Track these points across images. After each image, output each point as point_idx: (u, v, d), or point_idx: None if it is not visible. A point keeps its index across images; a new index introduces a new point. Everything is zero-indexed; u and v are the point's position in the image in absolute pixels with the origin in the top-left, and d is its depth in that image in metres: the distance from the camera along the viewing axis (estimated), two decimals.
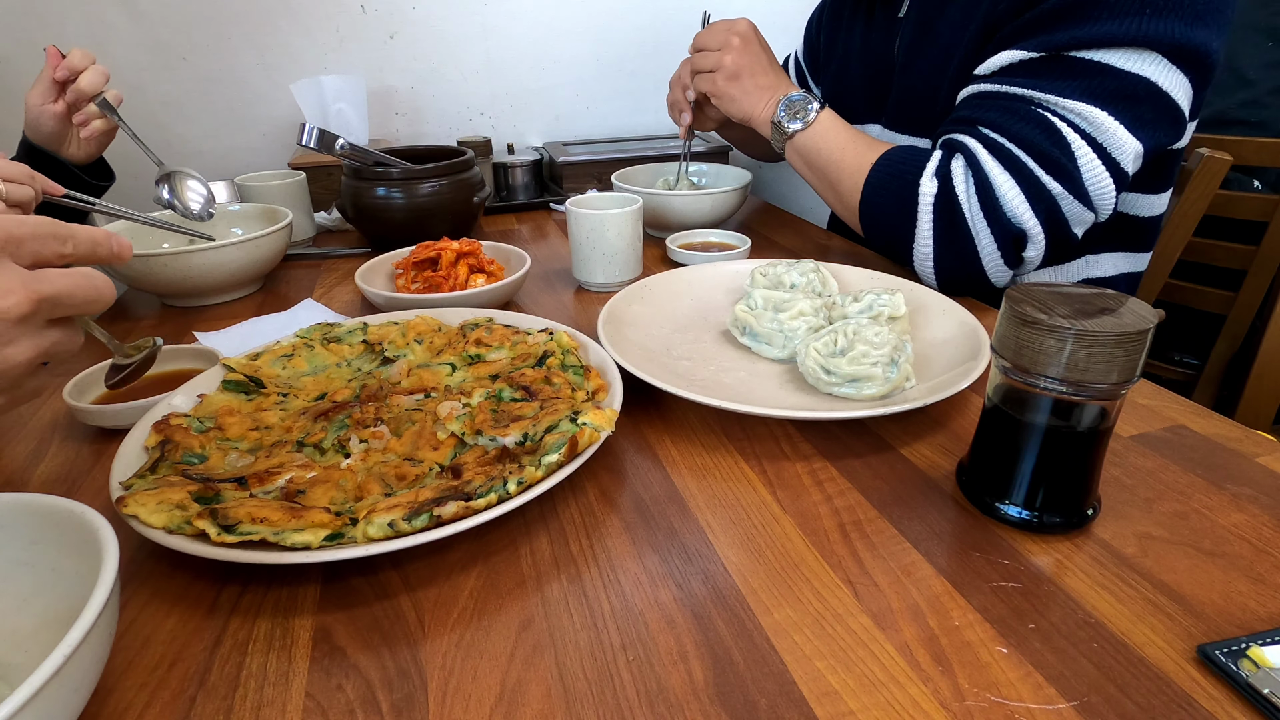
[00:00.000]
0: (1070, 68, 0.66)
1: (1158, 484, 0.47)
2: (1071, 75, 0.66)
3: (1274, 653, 0.33)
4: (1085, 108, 0.66)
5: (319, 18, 1.33)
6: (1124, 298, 0.40)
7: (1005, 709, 0.32)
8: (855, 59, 1.00)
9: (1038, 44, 0.67)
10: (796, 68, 1.24)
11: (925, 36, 0.85)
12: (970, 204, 0.71)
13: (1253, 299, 1.12)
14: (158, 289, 0.80)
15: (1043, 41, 0.67)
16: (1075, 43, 0.65)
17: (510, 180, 1.26)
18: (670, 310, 0.72)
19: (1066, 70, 0.66)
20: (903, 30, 0.89)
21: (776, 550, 0.43)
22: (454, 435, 0.51)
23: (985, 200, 0.70)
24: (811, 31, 1.18)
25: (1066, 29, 0.65)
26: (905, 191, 0.74)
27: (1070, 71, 0.66)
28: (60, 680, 0.27)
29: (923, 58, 0.85)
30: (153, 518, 0.40)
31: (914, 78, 0.87)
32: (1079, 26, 0.65)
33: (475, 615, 0.39)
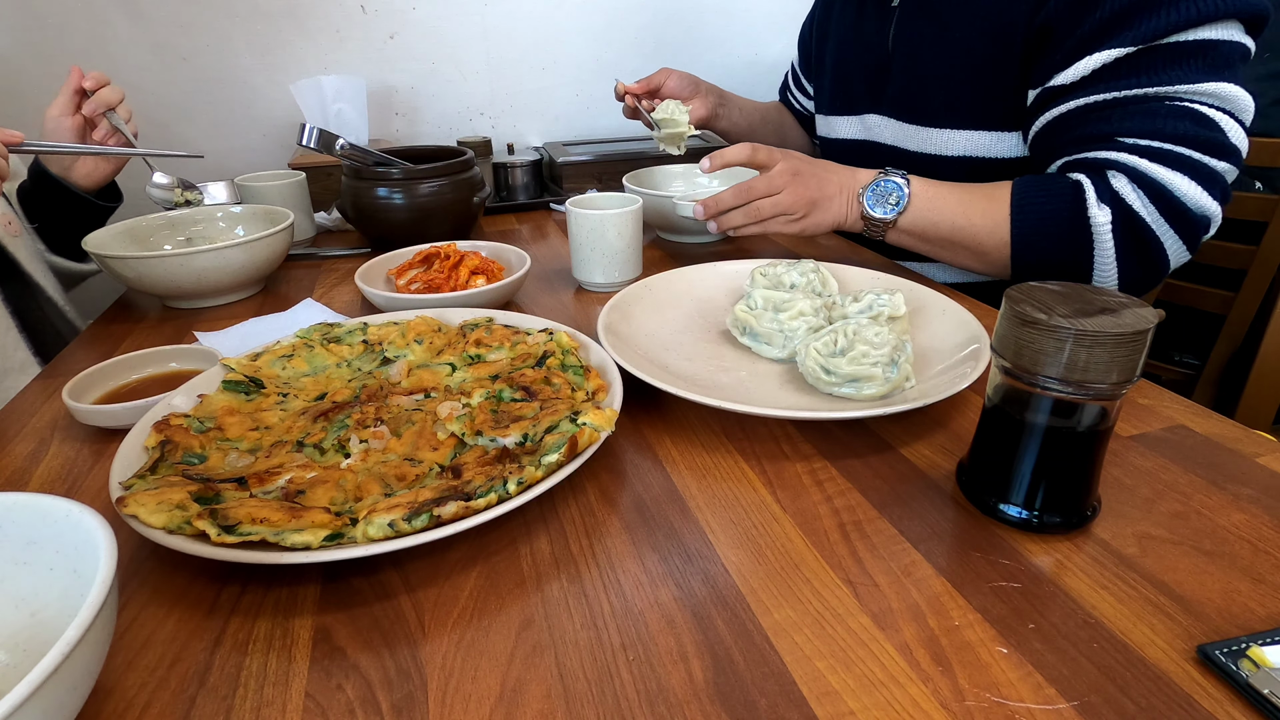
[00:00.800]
0: (1175, 53, 0.67)
1: (1158, 484, 0.47)
2: (1182, 60, 0.67)
3: (1274, 653, 0.33)
4: (1213, 86, 0.66)
5: (319, 18, 1.33)
6: (1124, 297, 0.40)
7: (1005, 709, 0.32)
8: (848, 51, 0.99)
9: (1129, 39, 0.67)
10: (792, 76, 1.25)
11: (930, 26, 0.84)
12: (1151, 215, 0.69)
13: (1253, 299, 1.12)
14: (158, 290, 0.80)
15: (1134, 35, 0.67)
16: (1170, 28, 0.65)
17: (510, 180, 1.26)
18: (670, 310, 0.72)
19: (1173, 56, 0.67)
20: (897, 20, 0.89)
21: (776, 550, 0.42)
22: (454, 435, 0.51)
23: (1166, 206, 0.69)
24: (805, 36, 1.19)
25: (1154, 18, 0.66)
26: (1072, 229, 0.72)
27: (1178, 57, 0.67)
28: (58, 680, 0.27)
29: (929, 48, 0.85)
30: (153, 518, 0.40)
31: (920, 67, 0.86)
32: (1166, 13, 0.65)
33: (475, 615, 0.39)
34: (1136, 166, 0.69)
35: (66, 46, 1.25)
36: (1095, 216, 0.70)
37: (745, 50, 1.56)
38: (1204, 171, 0.68)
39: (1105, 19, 0.68)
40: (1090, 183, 0.71)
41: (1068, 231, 0.72)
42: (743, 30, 1.56)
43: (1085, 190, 0.71)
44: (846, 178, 0.81)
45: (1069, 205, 0.72)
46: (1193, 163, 0.68)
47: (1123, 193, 0.70)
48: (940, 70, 0.84)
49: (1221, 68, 0.67)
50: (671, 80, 1.05)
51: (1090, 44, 0.69)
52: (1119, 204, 0.70)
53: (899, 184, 0.77)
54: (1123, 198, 0.70)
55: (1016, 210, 0.74)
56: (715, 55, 1.55)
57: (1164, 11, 0.65)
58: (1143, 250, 0.71)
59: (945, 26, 0.82)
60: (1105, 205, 0.70)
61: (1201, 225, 0.71)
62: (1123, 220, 0.70)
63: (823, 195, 0.80)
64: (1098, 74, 0.70)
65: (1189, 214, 0.69)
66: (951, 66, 0.82)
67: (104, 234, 0.84)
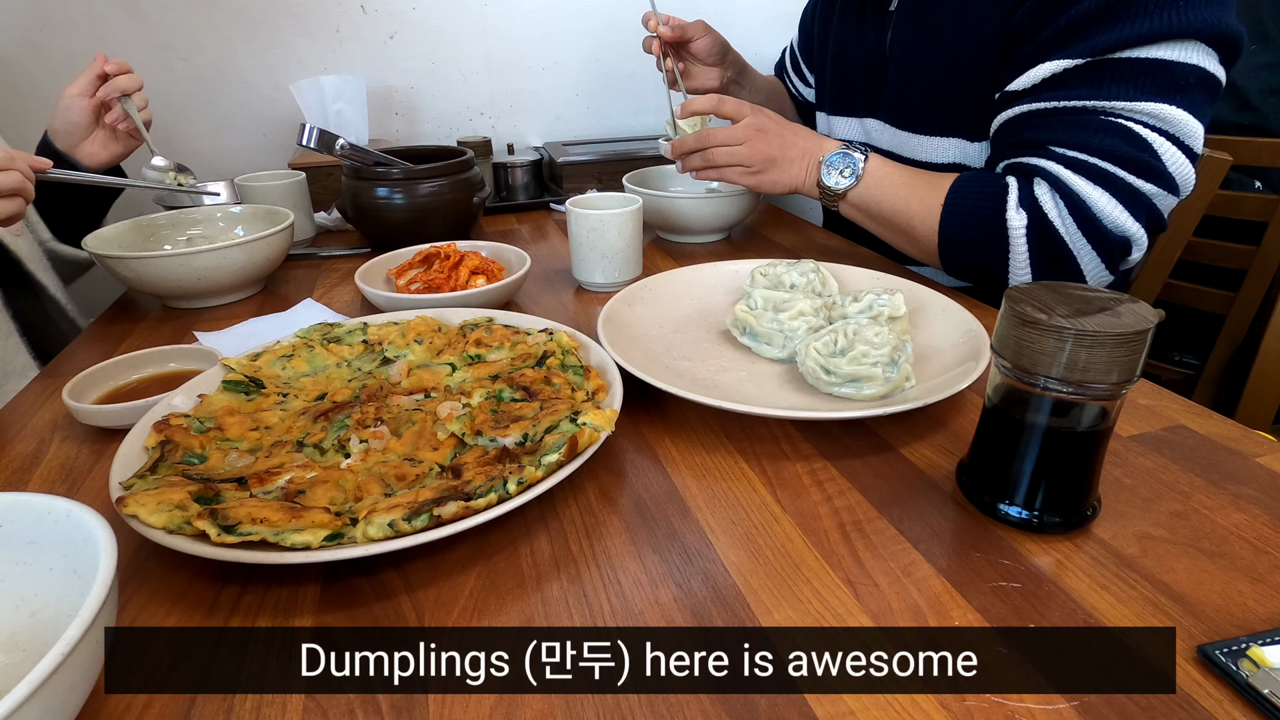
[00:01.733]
0: (1122, 69, 0.66)
1: (1158, 484, 0.47)
2: (1126, 76, 0.66)
3: (1274, 653, 0.33)
4: (1153, 106, 0.66)
5: (319, 18, 1.33)
6: (1124, 298, 0.40)
7: (1005, 709, 0.32)
8: (848, 51, 1.00)
9: (1080, 50, 0.67)
10: (790, 56, 1.24)
11: (924, 33, 0.84)
12: (1067, 226, 0.70)
13: (1253, 299, 1.12)
14: (159, 290, 0.81)
15: (1085, 48, 0.66)
16: (1121, 43, 0.65)
17: (510, 180, 1.26)
18: (670, 310, 0.72)
19: (1119, 72, 0.66)
20: (894, 24, 0.89)
21: (776, 550, 0.42)
22: (454, 435, 0.51)
23: (1082, 219, 0.69)
24: (806, 19, 1.18)
25: (1107, 31, 0.65)
26: (991, 228, 0.72)
27: (1123, 73, 0.66)
28: (58, 679, 0.27)
29: (922, 54, 0.85)
30: (153, 518, 0.40)
31: (913, 73, 0.87)
32: (1120, 27, 0.65)
33: (475, 615, 0.39)
34: (1059, 176, 0.69)
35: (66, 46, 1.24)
36: (1011, 219, 0.71)
37: (745, 50, 1.55)
38: (1127, 191, 0.68)
39: (1062, 28, 0.68)
40: (1016, 186, 0.72)
41: (988, 231, 0.73)
42: (744, 30, 1.55)
43: (1009, 192, 0.72)
44: (812, 143, 0.83)
45: (992, 205, 0.73)
46: (1116, 180, 0.67)
47: (1042, 200, 0.70)
48: (932, 77, 0.84)
49: (1170, 89, 0.65)
50: (703, 41, 1.04)
51: (1045, 52, 0.69)
52: (1036, 210, 0.71)
53: (856, 159, 0.80)
54: (1040, 205, 0.70)
55: (948, 204, 0.76)
56: None
57: (1119, 26, 0.65)
58: (1056, 260, 0.72)
59: (938, 33, 0.82)
60: (1023, 210, 0.71)
61: (1119, 245, 0.70)
62: (1037, 227, 0.71)
63: (783, 155, 0.82)
64: (1047, 82, 0.70)
65: (1104, 231, 0.69)
66: (942, 73, 0.83)
67: (104, 234, 0.84)
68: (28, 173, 0.72)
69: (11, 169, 0.69)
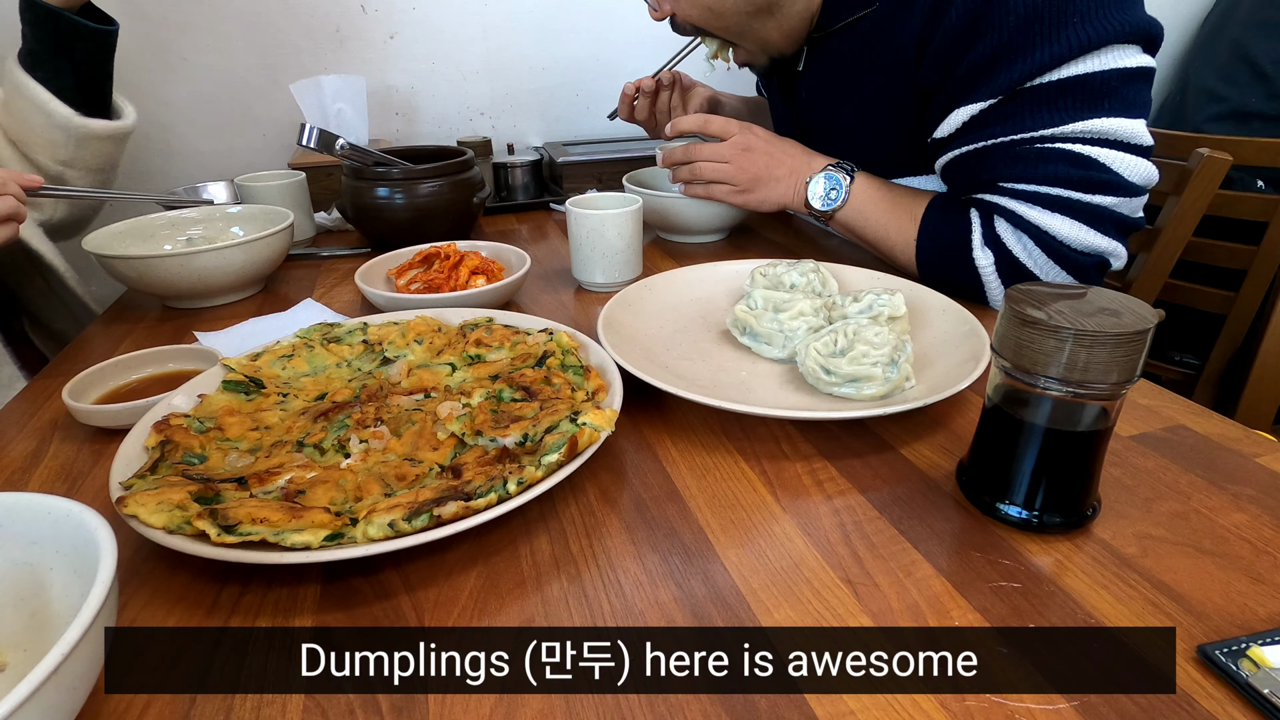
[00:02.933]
0: (1038, 96, 0.66)
1: (1158, 484, 0.47)
2: (1045, 103, 0.66)
3: (1274, 653, 0.33)
4: (1082, 125, 0.65)
5: (319, 18, 1.33)
6: (1124, 298, 0.40)
7: (1005, 709, 0.32)
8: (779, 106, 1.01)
9: (990, 91, 0.67)
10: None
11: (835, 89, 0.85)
12: (1034, 258, 0.70)
13: (1253, 299, 1.12)
14: (159, 290, 0.81)
15: (994, 87, 0.66)
16: (1028, 74, 0.64)
17: (510, 180, 1.26)
18: (670, 310, 0.72)
19: (1036, 101, 0.66)
20: (803, 82, 0.90)
21: (776, 550, 0.42)
22: (454, 435, 0.51)
23: (1049, 249, 0.69)
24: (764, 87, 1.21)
25: (1010, 68, 0.65)
26: (960, 265, 0.74)
27: (1040, 100, 0.66)
28: (58, 679, 0.27)
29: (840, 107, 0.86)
30: (153, 518, 0.40)
31: (838, 124, 0.88)
32: (1021, 61, 0.64)
33: (475, 615, 0.39)
34: (1015, 210, 0.70)
35: None
36: (979, 259, 0.72)
37: None
38: (1087, 211, 0.67)
39: (964, 76, 0.68)
40: (979, 223, 0.73)
41: (958, 268, 0.74)
42: None
43: (972, 231, 0.73)
44: (800, 161, 0.83)
45: (958, 244, 0.74)
46: (1072, 203, 0.67)
47: (1004, 237, 0.71)
48: (852, 127, 0.85)
49: (1096, 101, 0.64)
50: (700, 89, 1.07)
51: (956, 99, 0.70)
52: (1000, 248, 0.71)
53: (841, 180, 0.80)
54: (1004, 242, 0.71)
55: (921, 237, 0.77)
56: None
57: (1020, 60, 0.64)
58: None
59: (848, 88, 0.83)
60: (988, 249, 0.72)
61: (1093, 263, 0.70)
62: (1004, 264, 0.71)
63: (769, 175, 0.83)
64: (968, 124, 0.70)
65: (1075, 255, 0.69)
66: (860, 123, 0.84)
67: (104, 234, 0.84)
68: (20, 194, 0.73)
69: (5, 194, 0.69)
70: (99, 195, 0.93)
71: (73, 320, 0.93)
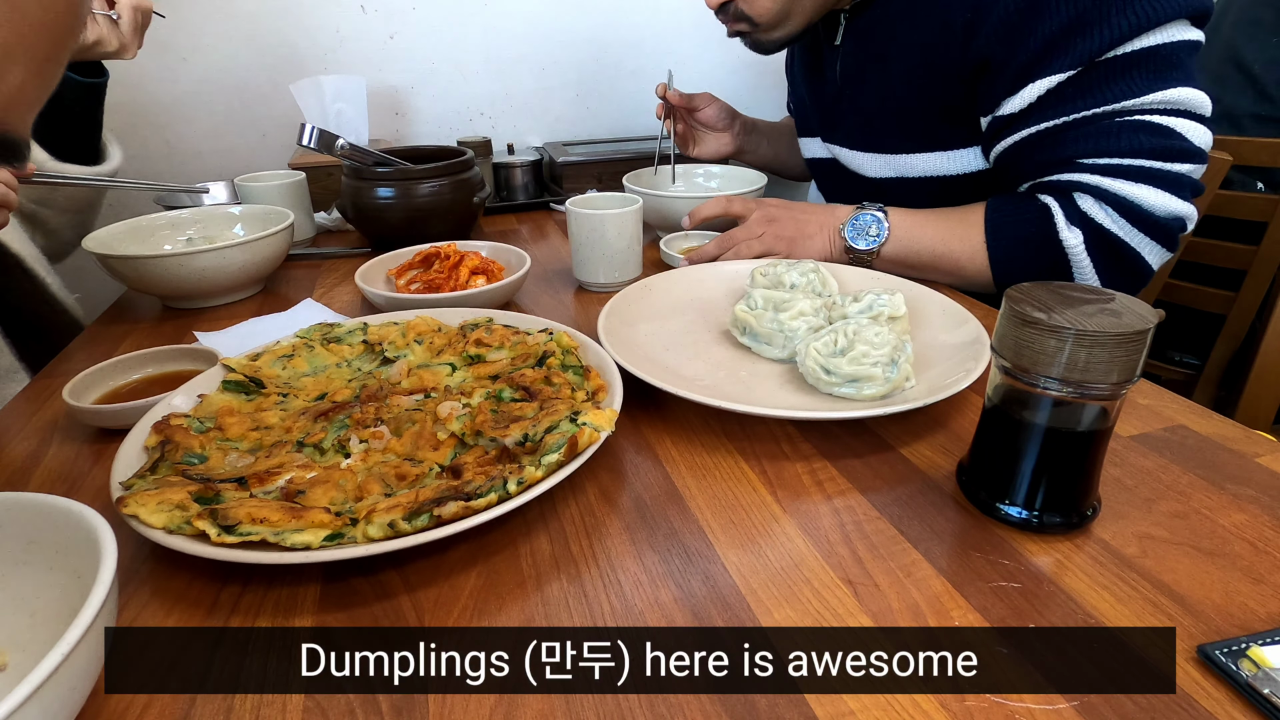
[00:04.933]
0: (1115, 68, 0.67)
1: (1158, 484, 0.47)
2: (1122, 74, 0.67)
3: (1274, 653, 0.33)
4: (1161, 95, 0.67)
5: (319, 18, 1.33)
6: (1124, 297, 0.40)
7: (1005, 709, 0.32)
8: (805, 84, 1.02)
9: (1068, 63, 0.68)
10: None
11: (871, 63, 0.86)
12: (1124, 229, 0.71)
13: (1253, 299, 1.12)
14: (158, 291, 0.81)
15: (1072, 59, 0.68)
16: (1108, 45, 0.66)
17: (510, 180, 1.26)
18: (670, 310, 0.72)
19: (1113, 72, 0.68)
20: (841, 59, 0.90)
21: (776, 550, 0.42)
22: (454, 435, 0.51)
23: (1137, 218, 0.70)
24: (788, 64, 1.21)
25: (1088, 39, 0.66)
26: (1046, 251, 0.74)
27: (1118, 72, 0.67)
28: (58, 679, 0.27)
29: (873, 83, 0.87)
30: (153, 518, 0.40)
31: (867, 100, 0.88)
32: (1100, 32, 0.66)
33: (475, 615, 0.39)
34: (1100, 185, 0.70)
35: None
36: (1067, 239, 0.72)
37: (745, 50, 1.56)
38: (1168, 178, 0.69)
39: (1040, 48, 0.68)
40: (1058, 206, 0.73)
41: (1043, 254, 0.74)
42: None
43: (1054, 215, 0.73)
44: (825, 216, 0.84)
45: (1039, 230, 0.73)
46: (1155, 173, 0.69)
47: (1091, 213, 0.71)
48: (888, 103, 0.86)
49: (1167, 72, 0.67)
50: (710, 109, 1.08)
51: (1031, 72, 0.70)
52: (1089, 224, 0.72)
53: (877, 217, 0.80)
54: (1092, 218, 0.71)
55: (991, 235, 0.76)
56: (715, 54, 1.55)
57: (1098, 31, 0.66)
58: (1121, 262, 0.73)
59: (886, 62, 0.84)
60: (1075, 227, 0.72)
61: (1176, 227, 0.72)
62: (1095, 239, 0.72)
63: (801, 234, 0.84)
64: (1044, 100, 0.71)
65: (1160, 222, 0.70)
66: (897, 99, 0.84)
67: (104, 234, 0.84)
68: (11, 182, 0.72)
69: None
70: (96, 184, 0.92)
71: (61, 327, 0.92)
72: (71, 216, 0.97)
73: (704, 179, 1.13)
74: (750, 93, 1.59)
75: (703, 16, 1.06)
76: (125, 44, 0.89)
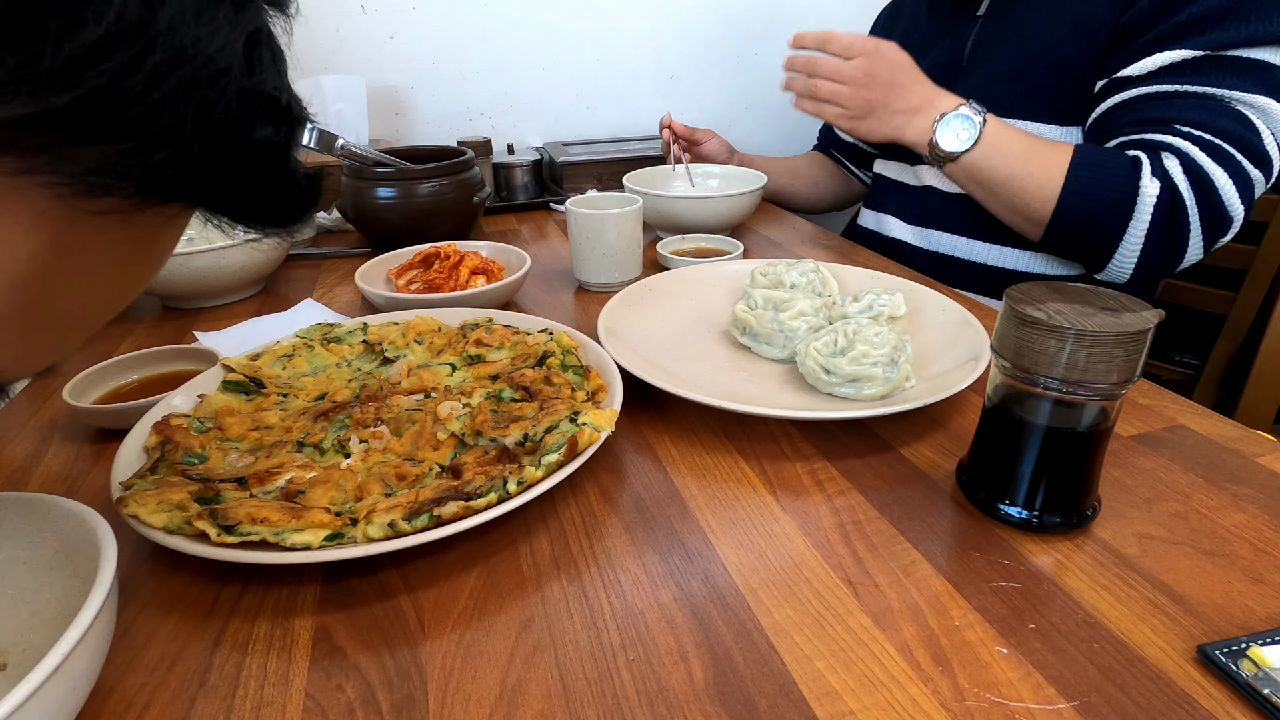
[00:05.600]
0: (1234, 65, 0.72)
1: (1158, 484, 0.47)
2: (1238, 72, 0.72)
3: (1274, 653, 0.33)
4: (1261, 100, 0.71)
5: (319, 18, 1.33)
6: (1124, 298, 0.40)
7: (1005, 709, 0.32)
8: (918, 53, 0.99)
9: (1198, 44, 0.72)
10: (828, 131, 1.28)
11: (1008, 31, 0.89)
12: (1191, 202, 0.73)
13: (1253, 299, 1.12)
14: (159, 291, 0.80)
15: (1203, 42, 0.72)
16: (1234, 42, 0.71)
17: (510, 180, 1.26)
18: (670, 310, 0.72)
19: (1231, 68, 0.72)
20: (980, 26, 0.92)
21: (776, 550, 0.42)
22: (454, 435, 0.51)
23: (1204, 196, 0.73)
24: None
25: (1224, 30, 0.71)
26: (1121, 194, 0.75)
27: (1235, 69, 0.72)
28: (59, 679, 0.27)
29: (1007, 49, 0.88)
30: (153, 518, 0.40)
31: (995, 65, 0.90)
32: (1236, 27, 0.70)
33: (475, 615, 0.39)
34: (1188, 153, 0.73)
35: None
36: (1146, 188, 0.74)
37: (744, 51, 1.56)
38: (1242, 174, 0.72)
39: (1182, 23, 0.73)
40: (1147, 159, 0.75)
41: (1116, 197, 0.75)
42: (743, 30, 1.56)
43: (1142, 163, 0.75)
44: (926, 98, 0.82)
45: (1125, 173, 0.75)
46: (1235, 162, 0.72)
47: (1173, 173, 0.73)
48: (1017, 68, 0.87)
49: (1271, 89, 0.71)
50: (712, 143, 1.15)
51: (1163, 43, 0.74)
52: (1168, 182, 0.73)
53: (976, 121, 0.79)
54: (1172, 177, 0.73)
55: (1074, 168, 0.77)
56: (715, 54, 1.55)
57: (1235, 26, 0.71)
58: (1172, 233, 0.75)
59: (1028, 28, 0.86)
60: (1157, 180, 0.74)
61: (1225, 224, 0.74)
62: (1168, 199, 0.74)
63: (887, 106, 0.82)
64: (1163, 70, 0.74)
65: (1220, 210, 0.73)
66: (1030, 64, 0.86)
67: None
68: None
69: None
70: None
71: None
72: None
73: (704, 178, 1.13)
74: (743, 92, 1.59)
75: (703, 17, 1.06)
76: None
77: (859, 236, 1.12)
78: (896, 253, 1.01)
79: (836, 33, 0.83)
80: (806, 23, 1.56)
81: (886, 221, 1.05)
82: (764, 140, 1.63)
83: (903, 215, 1.02)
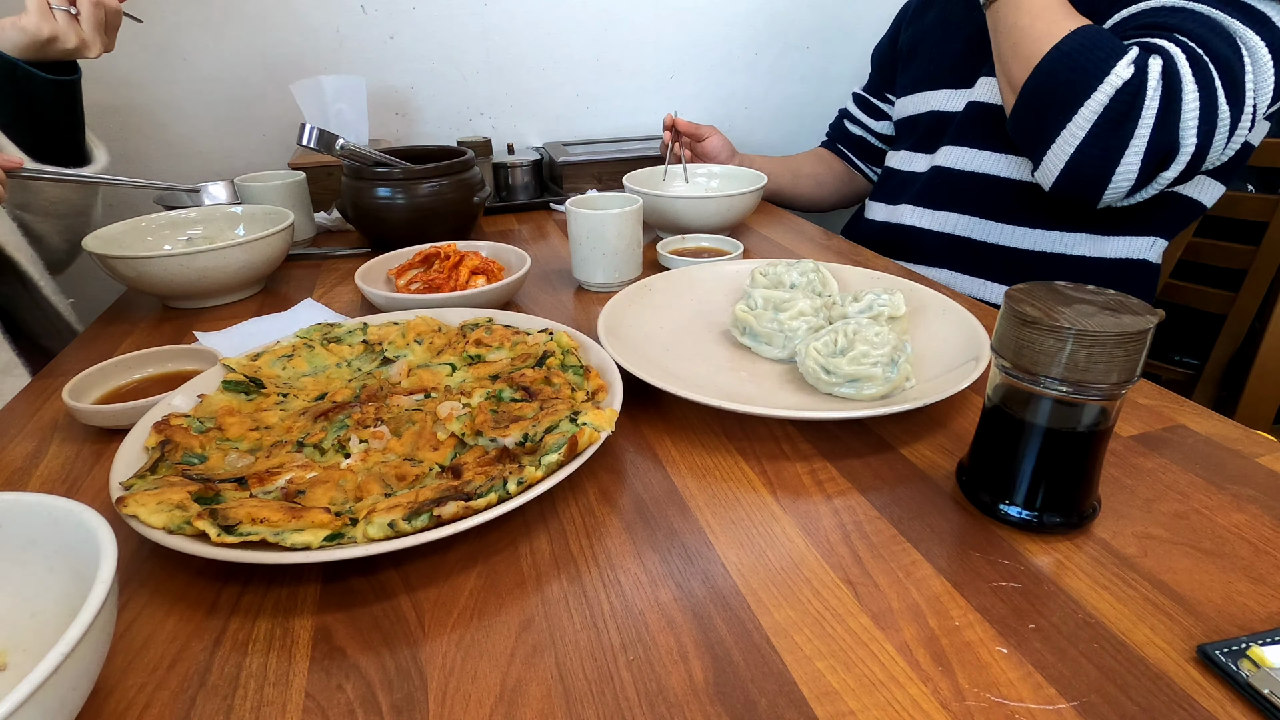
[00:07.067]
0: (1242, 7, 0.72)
1: (1158, 484, 0.47)
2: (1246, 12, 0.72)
3: (1274, 653, 0.33)
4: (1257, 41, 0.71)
5: (319, 18, 1.33)
6: (1124, 297, 0.40)
7: (1005, 709, 0.32)
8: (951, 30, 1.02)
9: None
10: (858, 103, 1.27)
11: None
12: (1151, 104, 0.72)
13: (1253, 299, 1.12)
14: (159, 291, 0.80)
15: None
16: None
17: (510, 180, 1.26)
18: (670, 310, 0.72)
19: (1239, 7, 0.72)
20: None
21: (776, 550, 0.43)
22: (454, 435, 0.51)
23: (1166, 106, 0.72)
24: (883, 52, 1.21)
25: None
26: (1094, 67, 0.74)
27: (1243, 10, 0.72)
28: (58, 679, 0.27)
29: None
30: (153, 518, 0.40)
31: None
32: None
33: (475, 615, 0.39)
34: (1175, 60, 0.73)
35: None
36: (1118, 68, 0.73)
37: (744, 51, 1.56)
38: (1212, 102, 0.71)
39: None
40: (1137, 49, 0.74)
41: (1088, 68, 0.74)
42: (743, 30, 1.56)
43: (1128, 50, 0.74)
44: None
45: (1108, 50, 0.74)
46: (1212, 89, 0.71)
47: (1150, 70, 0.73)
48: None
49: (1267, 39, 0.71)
50: (714, 140, 1.16)
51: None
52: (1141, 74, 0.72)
53: None
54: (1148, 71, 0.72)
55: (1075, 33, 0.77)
56: (715, 54, 1.55)
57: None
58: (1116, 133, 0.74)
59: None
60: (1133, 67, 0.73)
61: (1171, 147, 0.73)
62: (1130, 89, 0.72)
63: None
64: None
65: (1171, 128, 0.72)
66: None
67: (104, 233, 0.84)
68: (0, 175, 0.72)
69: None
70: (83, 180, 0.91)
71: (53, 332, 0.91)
72: (57, 222, 0.95)
73: (705, 179, 1.13)
74: (744, 90, 1.59)
75: (703, 16, 1.06)
76: (86, 41, 0.86)
77: (867, 230, 1.12)
78: (909, 240, 1.01)
79: None
80: (806, 22, 1.57)
81: (900, 210, 1.04)
82: (764, 140, 1.63)
83: (915, 200, 1.02)
